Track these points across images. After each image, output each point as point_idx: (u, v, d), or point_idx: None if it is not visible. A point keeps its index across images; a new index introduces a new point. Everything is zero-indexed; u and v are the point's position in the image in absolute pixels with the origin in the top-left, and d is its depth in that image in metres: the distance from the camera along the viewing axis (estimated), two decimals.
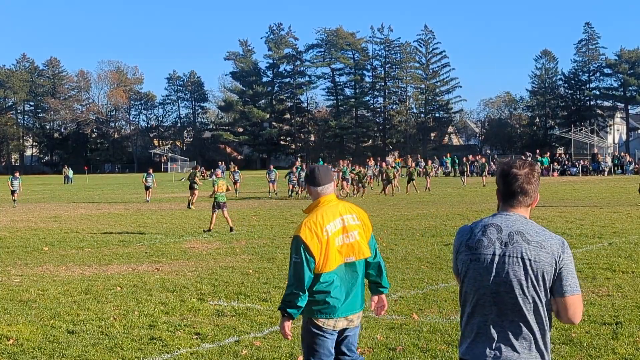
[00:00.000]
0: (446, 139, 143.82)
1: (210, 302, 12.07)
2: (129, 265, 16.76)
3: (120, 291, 13.35)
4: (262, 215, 30.32)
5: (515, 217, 4.18)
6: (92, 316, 11.25)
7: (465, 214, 28.31)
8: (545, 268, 4.01)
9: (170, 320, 10.85)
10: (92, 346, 9.51)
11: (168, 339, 9.77)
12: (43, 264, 17.26)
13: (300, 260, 5.94)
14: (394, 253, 17.52)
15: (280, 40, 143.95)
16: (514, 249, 4.07)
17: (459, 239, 4.29)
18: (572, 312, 4.07)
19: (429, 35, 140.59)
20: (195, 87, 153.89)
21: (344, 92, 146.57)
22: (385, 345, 9.16)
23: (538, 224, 4.23)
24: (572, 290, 4.05)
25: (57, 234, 24.31)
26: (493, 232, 4.16)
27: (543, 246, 4.05)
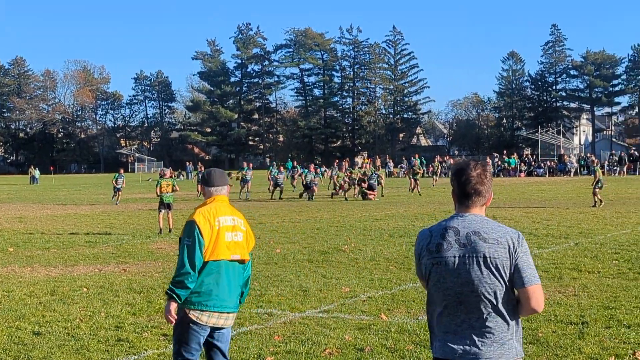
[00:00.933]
0: (414, 140, 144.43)
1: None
2: (95, 266, 16.63)
3: (86, 292, 13.23)
4: None
5: (471, 217, 4.32)
6: (58, 317, 11.14)
7: (434, 214, 28.42)
8: (503, 263, 4.17)
9: (137, 322, 10.77)
10: (57, 348, 9.42)
11: (135, 340, 9.70)
12: (8, 265, 17.07)
13: (192, 243, 6.10)
14: (362, 254, 17.54)
15: (249, 40, 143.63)
16: (473, 249, 4.21)
17: (419, 244, 4.44)
18: (534, 302, 4.21)
19: (398, 36, 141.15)
20: (162, 87, 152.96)
21: (313, 92, 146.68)
22: (354, 345, 9.16)
23: (501, 223, 4.33)
24: (531, 280, 4.20)
25: (22, 234, 24.06)
26: (451, 234, 4.29)
27: (499, 242, 4.21)
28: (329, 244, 19.69)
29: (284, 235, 22.06)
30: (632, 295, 11.65)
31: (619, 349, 8.69)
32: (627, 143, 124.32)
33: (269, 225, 25.61)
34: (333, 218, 27.76)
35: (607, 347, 8.80)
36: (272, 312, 11.23)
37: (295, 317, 10.82)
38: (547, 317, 10.11)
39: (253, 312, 11.25)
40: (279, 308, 11.49)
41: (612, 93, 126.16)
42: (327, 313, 11.06)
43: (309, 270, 15.31)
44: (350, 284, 13.41)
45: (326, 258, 16.98)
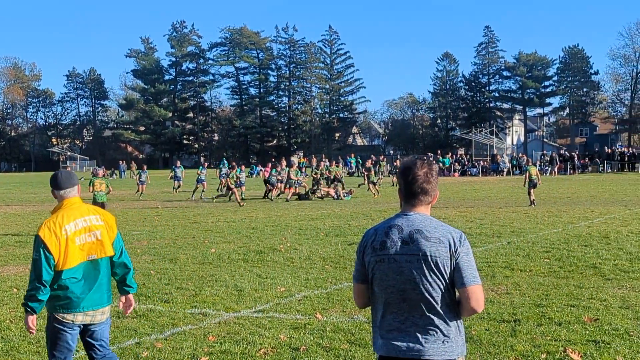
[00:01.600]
0: (350, 139, 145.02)
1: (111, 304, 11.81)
2: (26, 267, 16.26)
3: (16, 293, 12.95)
4: (164, 215, 29.93)
5: (415, 216, 4.35)
6: None
7: (369, 213, 28.56)
8: (445, 262, 4.20)
9: None
10: None
11: None
12: None
13: (39, 257, 6.24)
14: (298, 253, 17.52)
15: (183, 38, 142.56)
16: (415, 247, 4.25)
17: (363, 242, 4.47)
18: (474, 302, 4.27)
19: (334, 35, 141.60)
20: (95, 85, 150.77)
21: (249, 91, 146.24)
22: (289, 345, 9.13)
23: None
24: (471, 281, 4.25)
25: None
26: (395, 232, 4.33)
27: (441, 241, 4.24)
28: (264, 243, 19.63)
29: (218, 235, 21.93)
30: (563, 293, 11.85)
31: (550, 346, 8.82)
32: (558, 143, 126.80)
33: (203, 224, 25.43)
34: (269, 217, 27.70)
35: (539, 344, 8.92)
36: (206, 312, 11.14)
37: (230, 317, 10.75)
38: (480, 315, 10.21)
39: (187, 312, 11.15)
40: (214, 308, 11.40)
41: (543, 94, 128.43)
42: (263, 313, 11.01)
43: (244, 270, 15.23)
44: (285, 284, 13.38)
45: (261, 258, 16.92)
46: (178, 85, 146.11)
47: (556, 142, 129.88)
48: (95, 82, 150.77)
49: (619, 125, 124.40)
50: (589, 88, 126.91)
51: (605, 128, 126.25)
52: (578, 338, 9.15)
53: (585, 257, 15.72)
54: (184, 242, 20.41)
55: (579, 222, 23.14)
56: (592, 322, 9.92)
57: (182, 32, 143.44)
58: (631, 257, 15.54)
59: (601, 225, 22.06)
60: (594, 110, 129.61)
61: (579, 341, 9.01)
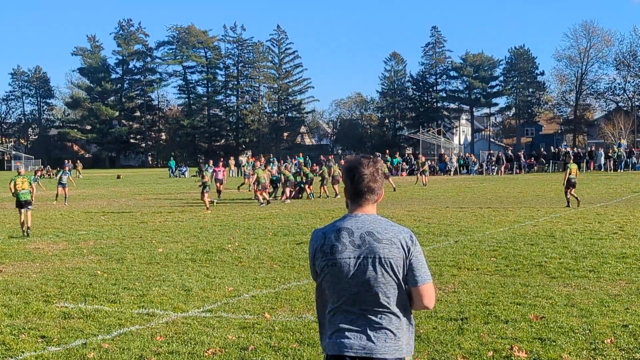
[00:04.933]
0: (299, 139, 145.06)
1: (57, 304, 11.68)
2: None
3: None
4: (111, 214, 29.63)
5: (364, 217, 4.35)
6: None
7: (317, 212, 28.60)
8: (397, 262, 4.21)
9: (14, 324, 10.44)
10: None
11: (12, 342, 9.41)
12: None
13: None
14: (246, 252, 17.48)
15: (130, 37, 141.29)
16: (367, 250, 4.23)
17: (313, 245, 4.43)
18: (427, 300, 4.32)
19: (282, 35, 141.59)
20: (40, 83, 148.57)
21: (196, 90, 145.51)
22: (237, 345, 9.11)
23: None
24: (424, 279, 4.29)
25: None
26: (345, 235, 4.30)
27: (393, 242, 4.24)
28: (212, 243, 19.55)
29: (166, 235, 21.78)
30: (510, 292, 11.99)
31: (497, 344, 8.92)
32: (504, 143, 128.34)
33: (151, 224, 25.23)
34: (217, 217, 27.57)
35: (486, 342, 9.02)
36: (154, 312, 11.06)
37: (178, 317, 10.68)
38: (427, 314, 10.29)
39: (134, 312, 11.06)
40: (162, 308, 11.32)
41: (490, 94, 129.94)
42: (211, 312, 10.96)
43: (192, 269, 15.15)
44: (234, 283, 13.34)
45: (210, 257, 16.85)
46: (125, 84, 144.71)
47: (502, 142, 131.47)
48: (41, 81, 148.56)
49: (564, 126, 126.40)
50: (535, 88, 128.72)
51: (551, 128, 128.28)
52: (524, 336, 9.26)
53: (531, 255, 15.93)
54: (131, 241, 20.23)
55: (525, 221, 23.44)
56: (538, 320, 10.05)
57: (129, 30, 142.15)
58: (576, 256, 15.79)
59: (547, 224, 22.37)
60: (539, 110, 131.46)
61: (525, 339, 9.12)
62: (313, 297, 4.60)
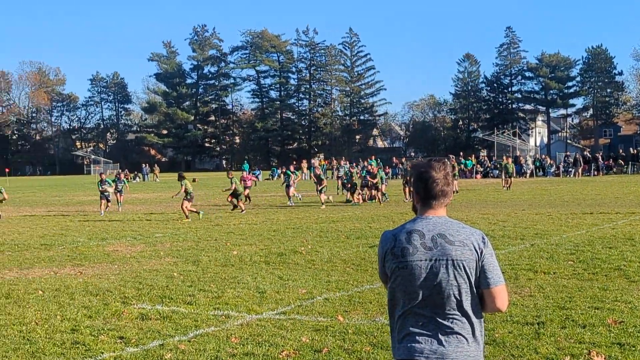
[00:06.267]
0: (371, 142, 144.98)
1: (134, 306, 11.89)
2: (50, 269, 16.41)
3: (42, 295, 13.06)
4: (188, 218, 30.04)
5: (435, 219, 4.31)
6: (13, 321, 11.00)
7: (390, 215, 28.51)
8: (470, 264, 4.18)
9: (94, 324, 10.65)
10: (13, 351, 9.30)
11: (91, 343, 9.59)
12: None
13: None
14: (319, 255, 17.52)
15: (205, 42, 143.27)
16: (439, 252, 4.20)
17: (383, 247, 4.38)
18: (500, 302, 4.26)
19: (354, 38, 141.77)
20: (118, 89, 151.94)
21: (269, 94, 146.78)
22: (311, 347, 9.14)
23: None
24: (496, 281, 4.24)
25: None
26: (416, 238, 4.27)
27: (465, 244, 4.20)
28: (285, 245, 19.66)
29: (240, 237, 21.98)
30: (587, 296, 11.77)
31: (574, 348, 8.77)
32: (581, 145, 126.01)
33: (225, 227, 25.50)
34: (290, 220, 27.72)
35: (563, 347, 8.87)
36: (229, 314, 11.17)
37: (252, 319, 10.77)
38: (503, 318, 10.17)
39: (210, 314, 11.19)
40: (236, 310, 11.43)
41: (567, 95, 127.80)
42: (285, 315, 11.02)
43: (266, 272, 15.26)
44: (307, 286, 13.39)
45: (283, 260, 16.94)
46: (200, 88, 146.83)
47: (580, 144, 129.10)
48: (119, 86, 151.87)
49: None
50: (613, 89, 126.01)
51: (630, 129, 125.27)
52: (602, 340, 9.08)
53: (609, 259, 15.60)
54: (206, 244, 20.48)
55: (603, 224, 22.98)
56: (617, 324, 9.85)
57: (204, 35, 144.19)
58: None
59: (626, 227, 21.89)
60: (618, 111, 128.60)
61: (603, 344, 8.95)
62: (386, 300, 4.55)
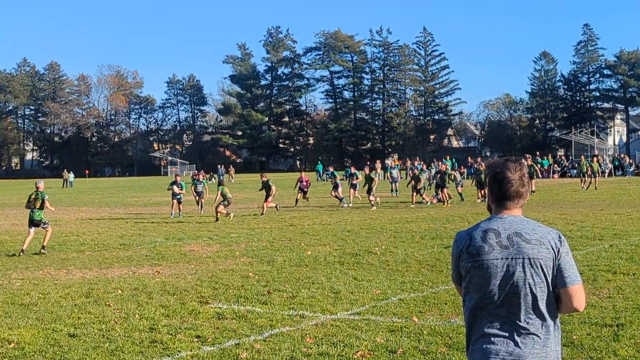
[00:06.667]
0: (445, 141, 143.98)
1: (211, 305, 12.06)
2: (129, 269, 16.75)
3: (121, 294, 13.34)
4: (261, 218, 30.30)
5: (510, 218, 4.29)
6: (92, 319, 11.24)
7: (465, 216, 28.27)
8: (546, 263, 4.15)
9: (171, 323, 10.84)
10: (93, 349, 9.50)
11: (169, 342, 9.76)
12: (44, 268, 17.25)
13: None
14: (393, 256, 17.50)
15: (279, 44, 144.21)
16: (515, 251, 4.17)
17: (457, 247, 4.36)
18: (577, 302, 4.21)
19: (428, 37, 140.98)
20: (194, 91, 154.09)
21: (343, 95, 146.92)
22: (386, 347, 9.14)
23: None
24: (573, 280, 4.19)
25: (57, 237, 24.28)
26: (492, 236, 4.24)
27: (542, 243, 4.17)
28: (359, 246, 19.68)
29: (314, 238, 22.08)
30: None
31: None
32: None
33: (299, 227, 25.63)
34: (364, 220, 27.72)
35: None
36: (303, 314, 11.24)
37: (326, 319, 10.82)
38: (581, 320, 10.03)
39: (285, 314, 11.28)
40: (311, 310, 11.50)
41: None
42: (359, 315, 11.05)
43: (340, 272, 15.31)
44: (381, 286, 13.39)
45: (357, 260, 16.97)
46: (274, 90, 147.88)
47: None
48: (195, 88, 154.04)
49: None
50: None
51: None
52: None
53: None
54: (281, 244, 20.63)
55: None
56: None
57: (278, 37, 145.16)
58: None
59: None
60: None
61: None
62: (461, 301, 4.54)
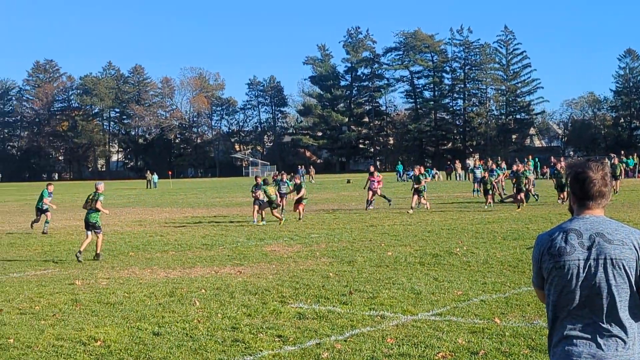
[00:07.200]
0: (527, 141, 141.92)
1: (292, 305, 12.16)
2: (212, 268, 16.99)
3: (203, 294, 13.53)
4: (341, 218, 30.38)
5: (592, 219, 4.22)
6: (176, 318, 11.43)
7: (548, 216, 27.83)
8: (630, 264, 4.07)
9: (253, 323, 10.96)
10: (176, 348, 9.66)
11: (250, 341, 9.87)
12: (129, 267, 17.63)
13: None
14: (475, 257, 17.36)
15: (358, 44, 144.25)
16: (597, 252, 4.10)
17: (539, 248, 4.31)
18: None
19: (509, 35, 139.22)
20: (275, 92, 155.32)
21: (423, 94, 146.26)
22: (467, 349, 9.09)
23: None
24: None
25: (142, 237, 24.79)
26: (574, 237, 4.18)
27: (625, 243, 4.10)
28: (440, 246, 19.58)
29: (395, 238, 22.05)
30: None
31: None
32: None
33: (379, 227, 25.62)
34: (444, 221, 27.54)
35: None
36: (384, 314, 11.25)
37: (407, 320, 10.81)
38: None
39: (365, 314, 11.30)
40: (392, 310, 11.50)
41: None
42: (440, 316, 11.00)
43: (420, 273, 15.26)
44: (462, 287, 13.31)
45: (438, 261, 16.89)
46: (353, 90, 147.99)
47: None
48: (275, 90, 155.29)
49: None
50: None
51: None
52: None
53: None
54: (361, 244, 20.66)
55: None
56: None
57: (357, 37, 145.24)
58: None
59: None
60: None
61: None
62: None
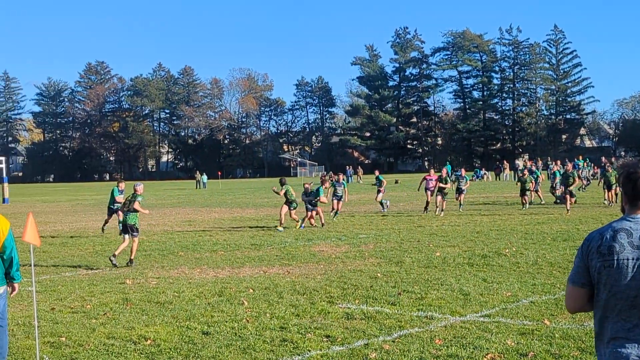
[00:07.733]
0: (578, 141, 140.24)
1: (340, 305, 12.19)
2: (260, 268, 17.09)
3: (252, 293, 13.63)
4: (390, 219, 30.33)
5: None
6: (225, 318, 11.53)
7: (599, 217, 27.50)
8: None
9: (301, 323, 11.01)
10: (225, 347, 9.75)
11: (299, 341, 9.92)
12: (178, 267, 17.81)
13: None
14: (524, 258, 17.24)
15: (406, 44, 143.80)
16: None
17: (587, 246, 4.27)
18: None
19: (559, 35, 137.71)
20: (323, 93, 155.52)
21: (472, 94, 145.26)
22: (516, 350, 9.04)
23: None
24: None
25: (191, 237, 25.00)
26: (623, 236, 4.15)
27: None
28: (489, 247, 19.46)
29: (443, 239, 21.97)
30: None
31: None
32: None
33: (428, 228, 25.54)
34: (493, 221, 27.36)
35: None
36: (432, 315, 11.23)
37: (456, 321, 10.78)
38: None
39: (413, 315, 11.29)
40: (440, 311, 11.48)
41: None
42: (489, 317, 10.96)
43: (469, 273, 15.20)
44: (512, 289, 13.23)
45: (487, 262, 16.80)
46: (401, 90, 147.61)
47: None
48: (323, 90, 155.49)
49: None
50: None
51: None
52: None
53: None
54: (409, 245, 20.62)
55: None
56: None
57: (405, 38, 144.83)
58: None
59: None
60: None
61: None
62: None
